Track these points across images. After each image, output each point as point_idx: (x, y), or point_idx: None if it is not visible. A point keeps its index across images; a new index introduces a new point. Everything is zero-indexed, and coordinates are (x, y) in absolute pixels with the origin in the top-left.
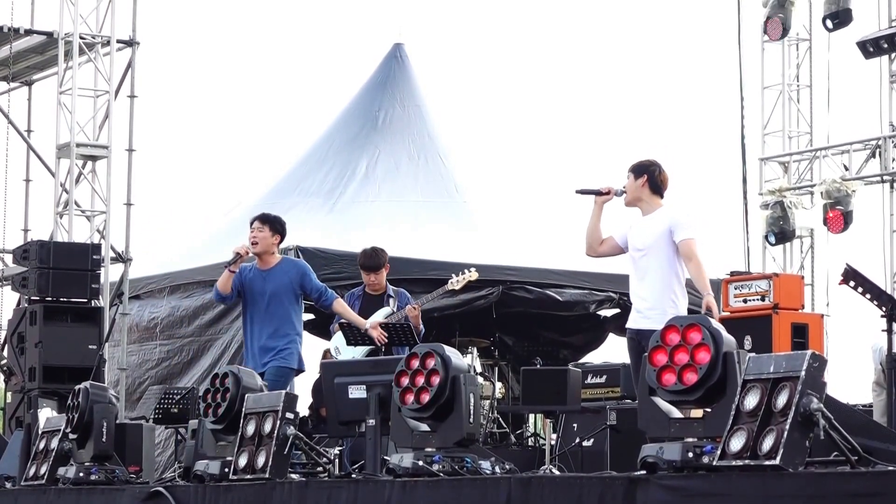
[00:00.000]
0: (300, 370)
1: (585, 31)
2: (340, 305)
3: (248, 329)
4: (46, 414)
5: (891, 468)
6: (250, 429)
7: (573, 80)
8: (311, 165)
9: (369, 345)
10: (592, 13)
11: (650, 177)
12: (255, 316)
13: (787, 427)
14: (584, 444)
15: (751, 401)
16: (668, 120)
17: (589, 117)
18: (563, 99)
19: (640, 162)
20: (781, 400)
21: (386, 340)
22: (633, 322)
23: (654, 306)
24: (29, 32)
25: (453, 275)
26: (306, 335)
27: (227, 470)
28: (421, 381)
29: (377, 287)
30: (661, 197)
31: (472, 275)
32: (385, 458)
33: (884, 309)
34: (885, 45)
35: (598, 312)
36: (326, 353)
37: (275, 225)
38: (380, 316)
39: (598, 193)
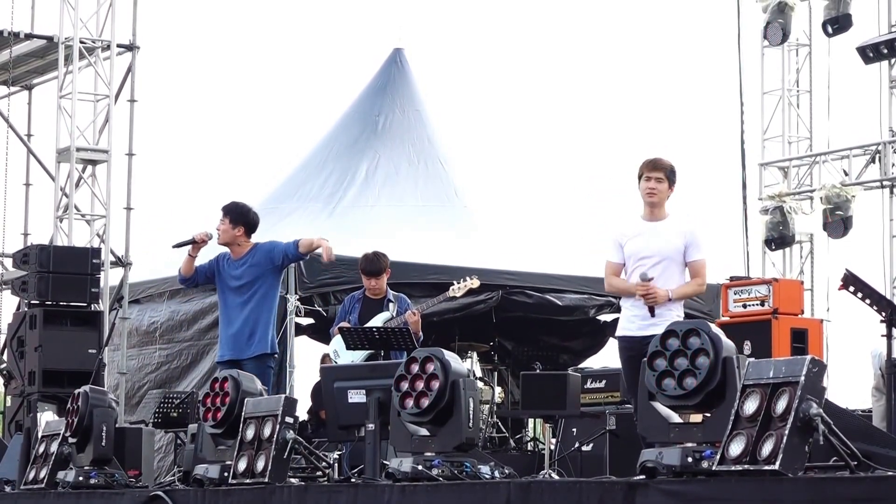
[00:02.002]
0: (274, 353)
1: (585, 36)
2: (304, 245)
3: (222, 316)
4: (46, 418)
5: (890, 473)
6: (250, 433)
7: (573, 85)
8: (311, 170)
9: (369, 349)
10: (592, 18)
11: (673, 185)
12: (227, 303)
13: (787, 432)
14: (584, 448)
15: (750, 406)
16: (667, 125)
17: (589, 122)
18: (562, 103)
19: (674, 169)
20: (781, 405)
21: (332, 257)
22: (638, 329)
23: (660, 312)
24: (29, 37)
25: (454, 282)
26: (305, 339)
27: (226, 474)
28: (420, 385)
29: (377, 291)
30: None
31: (474, 282)
32: (384, 462)
33: (883, 314)
34: (885, 51)
35: (598, 317)
36: (325, 358)
37: (234, 216)
38: (379, 321)
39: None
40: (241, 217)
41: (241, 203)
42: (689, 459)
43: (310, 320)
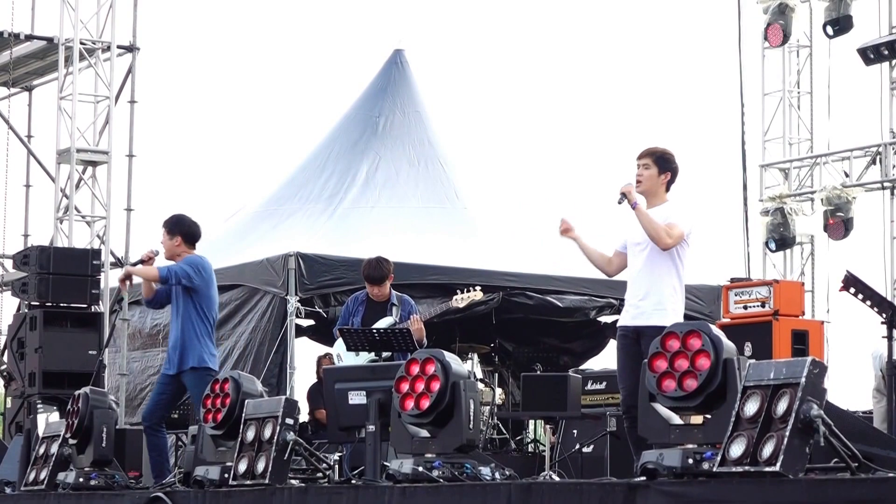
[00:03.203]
0: (206, 367)
1: (587, 37)
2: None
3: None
4: (46, 419)
5: (891, 475)
6: (250, 434)
7: (574, 86)
8: (312, 171)
9: (369, 350)
10: (594, 20)
11: (673, 175)
12: (171, 314)
13: (788, 433)
14: (584, 450)
15: (751, 407)
16: (668, 126)
17: (589, 124)
18: (563, 105)
19: (665, 154)
20: (781, 406)
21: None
22: (632, 319)
23: (652, 302)
24: (29, 38)
25: (458, 290)
26: (305, 341)
27: (226, 475)
28: (421, 386)
29: (381, 297)
30: (669, 191)
31: (477, 294)
32: (385, 463)
33: (884, 315)
34: (886, 52)
35: (599, 318)
36: (321, 360)
37: (171, 228)
38: (383, 325)
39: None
40: (175, 226)
41: (177, 214)
42: (690, 461)
43: (310, 322)
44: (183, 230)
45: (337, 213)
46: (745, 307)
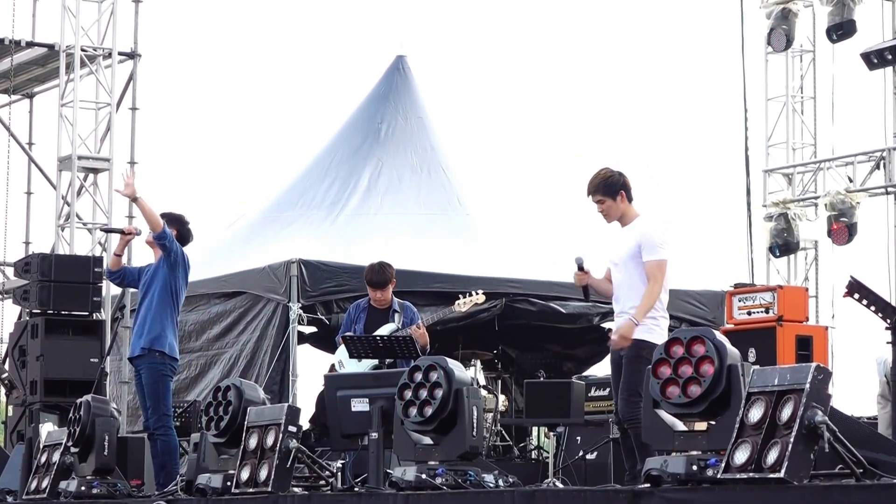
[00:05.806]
0: (161, 351)
1: (590, 43)
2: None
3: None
4: (48, 427)
5: (895, 481)
6: (252, 442)
7: (577, 92)
8: (314, 178)
9: (372, 357)
10: (596, 26)
11: (625, 190)
12: (139, 302)
13: (792, 440)
14: (588, 457)
15: (755, 413)
16: (671, 132)
17: (591, 130)
18: (566, 111)
19: (606, 181)
20: (786, 412)
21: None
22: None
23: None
24: (30, 45)
25: (460, 295)
26: (308, 348)
27: (229, 483)
28: (424, 394)
29: (383, 302)
30: (632, 201)
31: (479, 297)
32: (388, 471)
33: (888, 321)
34: (890, 57)
35: (602, 325)
36: (333, 368)
37: (170, 221)
38: (385, 332)
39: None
40: (174, 222)
41: (179, 213)
42: (694, 467)
43: (312, 329)
44: (180, 228)
45: (339, 220)
46: (749, 313)
